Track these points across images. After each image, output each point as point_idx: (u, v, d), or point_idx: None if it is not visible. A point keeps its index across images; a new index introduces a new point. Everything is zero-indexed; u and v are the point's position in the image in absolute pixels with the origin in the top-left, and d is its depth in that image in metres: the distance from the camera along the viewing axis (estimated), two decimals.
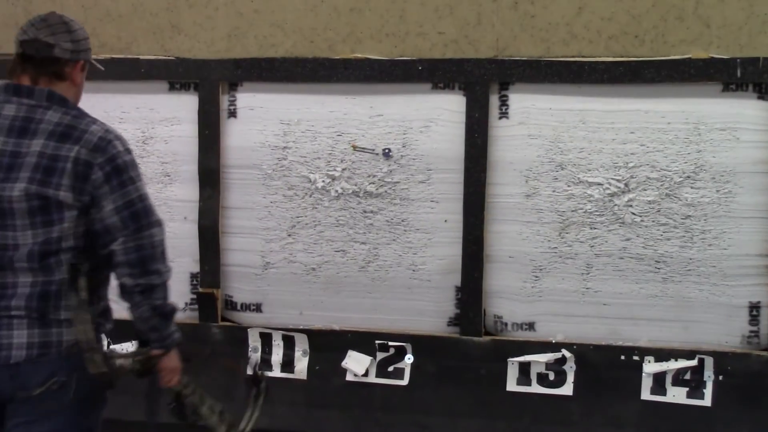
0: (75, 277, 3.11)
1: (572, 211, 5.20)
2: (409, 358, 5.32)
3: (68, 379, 3.12)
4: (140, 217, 3.11)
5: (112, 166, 3.09)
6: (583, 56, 5.06)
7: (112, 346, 4.60)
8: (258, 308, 5.55)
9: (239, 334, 5.43)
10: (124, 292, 3.23)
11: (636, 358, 5.11)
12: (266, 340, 5.45)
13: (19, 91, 3.14)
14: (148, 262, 3.14)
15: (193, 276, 5.65)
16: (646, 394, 5.09)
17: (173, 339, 3.29)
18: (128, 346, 5.55)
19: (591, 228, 5.19)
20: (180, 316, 5.30)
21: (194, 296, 5.63)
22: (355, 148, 5.27)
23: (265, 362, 5.39)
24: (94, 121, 3.21)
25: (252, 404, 3.81)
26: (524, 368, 5.22)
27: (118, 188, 3.09)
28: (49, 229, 3.09)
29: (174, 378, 3.37)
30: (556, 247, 5.25)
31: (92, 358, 3.10)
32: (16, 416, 3.14)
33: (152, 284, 3.17)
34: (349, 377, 5.34)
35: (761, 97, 4.93)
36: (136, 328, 3.33)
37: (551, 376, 5.20)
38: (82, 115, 3.21)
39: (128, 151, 3.19)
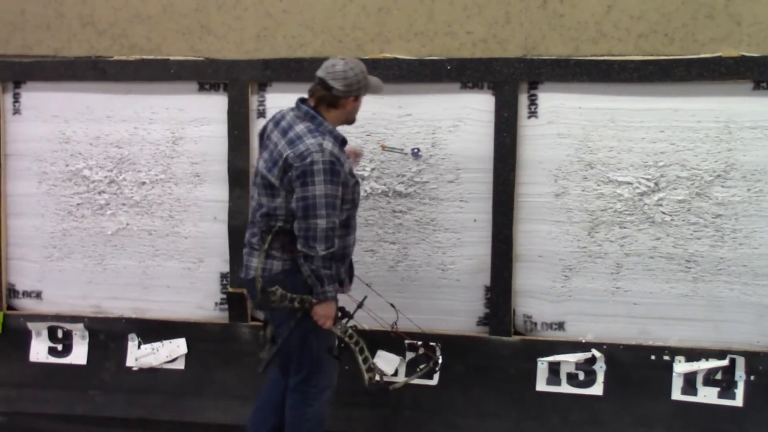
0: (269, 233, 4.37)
1: (602, 210, 5.20)
2: (438, 358, 5.23)
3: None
4: (308, 209, 4.14)
5: (302, 170, 4.12)
6: (612, 55, 5.05)
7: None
8: None
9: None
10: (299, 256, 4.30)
11: (666, 357, 5.11)
12: None
13: (299, 106, 4.35)
14: (309, 240, 4.20)
15: (223, 276, 5.68)
16: (676, 394, 5.09)
17: (325, 295, 4.27)
18: (158, 345, 5.58)
19: (621, 227, 5.18)
20: (210, 315, 5.61)
21: (224, 296, 5.66)
22: (384, 147, 5.27)
23: None
24: (318, 136, 4.21)
25: (415, 373, 4.80)
26: (554, 368, 5.22)
27: (301, 186, 4.14)
28: (272, 200, 4.32)
29: (326, 322, 4.34)
30: (585, 247, 5.24)
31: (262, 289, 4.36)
32: (272, 320, 4.59)
33: (311, 255, 4.20)
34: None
35: None
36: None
37: (581, 376, 5.20)
38: (316, 131, 4.24)
39: (321, 162, 4.14)
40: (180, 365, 5.70)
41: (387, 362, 5.38)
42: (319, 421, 4.60)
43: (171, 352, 5.69)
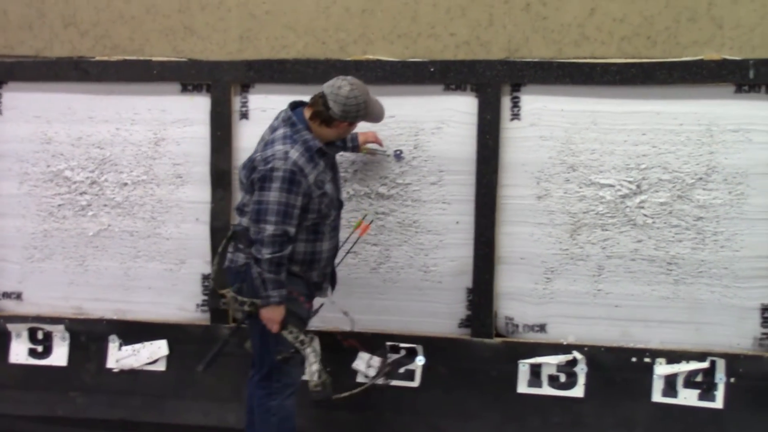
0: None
1: (584, 212, 5.20)
2: (420, 360, 5.32)
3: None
4: (260, 213, 4.23)
5: (262, 174, 4.23)
6: (595, 57, 5.05)
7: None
8: None
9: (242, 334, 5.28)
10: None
11: (647, 360, 5.11)
12: None
13: (287, 110, 4.46)
14: (257, 243, 4.27)
15: (204, 277, 5.66)
16: (657, 396, 5.09)
17: (268, 299, 4.32)
18: (139, 347, 5.55)
19: (603, 230, 5.18)
20: (191, 317, 5.59)
21: (206, 297, 5.65)
22: (366, 150, 5.22)
23: None
24: (288, 144, 4.30)
25: (369, 381, 4.77)
26: (535, 370, 5.22)
27: (258, 189, 4.24)
28: (244, 197, 4.48)
29: (272, 326, 4.37)
30: (567, 249, 5.24)
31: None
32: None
33: (257, 258, 4.28)
34: (359, 378, 5.34)
35: None
36: None
37: (562, 378, 5.20)
38: (290, 138, 4.33)
39: (282, 169, 4.23)
40: (161, 367, 5.67)
41: (365, 363, 5.37)
42: (286, 416, 4.64)
43: (152, 353, 5.67)
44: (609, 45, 5.06)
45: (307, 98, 4.50)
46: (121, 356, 5.70)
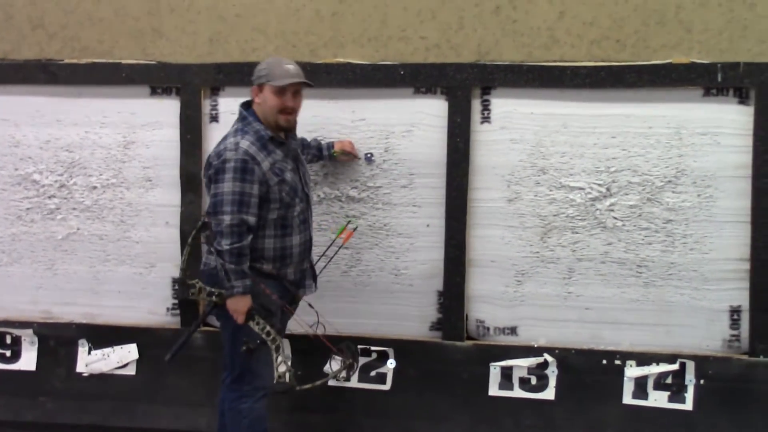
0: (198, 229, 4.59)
1: (554, 215, 5.20)
2: (391, 363, 5.32)
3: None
4: (217, 205, 4.27)
5: (216, 168, 4.29)
6: (564, 61, 5.07)
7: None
8: None
9: (214, 337, 5.29)
10: None
11: (618, 362, 5.13)
12: None
13: (240, 108, 4.58)
14: (217, 235, 4.30)
15: (174, 281, 5.63)
16: (627, 398, 5.11)
17: (232, 290, 4.32)
18: (109, 351, 5.51)
19: (573, 232, 5.20)
20: (162, 321, 5.56)
21: (176, 301, 5.62)
22: (336, 153, 5.21)
23: None
24: (239, 135, 4.38)
25: (331, 374, 4.69)
26: (506, 373, 5.23)
27: (214, 183, 4.30)
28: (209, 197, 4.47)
29: (238, 317, 4.38)
30: (538, 252, 5.25)
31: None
32: (217, 318, 4.70)
33: (217, 249, 4.30)
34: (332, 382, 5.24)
35: (742, 102, 4.96)
36: None
37: (533, 381, 5.21)
38: (241, 131, 4.40)
39: (233, 160, 4.28)
40: (131, 371, 5.64)
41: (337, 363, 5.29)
42: (257, 418, 4.63)
43: (122, 357, 5.64)
44: (579, 48, 5.07)
45: None
46: (90, 360, 5.66)
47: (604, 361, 5.14)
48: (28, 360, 5.74)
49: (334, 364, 5.30)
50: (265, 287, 4.43)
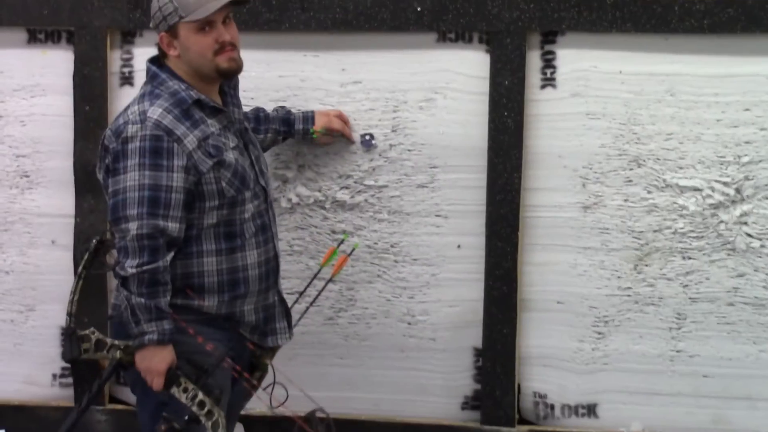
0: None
1: (655, 231, 4.17)
2: None
3: None
4: (117, 208, 3.49)
5: (114, 153, 3.49)
6: None
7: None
8: None
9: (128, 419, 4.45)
10: None
11: None
12: None
13: (149, 64, 3.79)
14: (120, 254, 3.52)
15: (62, 332, 4.62)
16: None
17: (142, 338, 3.44)
18: None
19: (683, 257, 4.15)
20: (45, 394, 4.69)
21: (67, 365, 4.61)
22: (317, 133, 4.14)
23: None
24: (147, 101, 3.51)
25: None
26: None
27: (112, 177, 3.50)
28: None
29: (153, 381, 3.48)
30: (630, 288, 4.22)
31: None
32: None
33: (121, 276, 3.50)
34: None
35: None
36: None
37: None
38: (151, 94, 3.54)
39: (139, 137, 3.45)
40: None
41: None
42: None
43: None
44: None
45: None
46: None
47: None
48: None
49: None
50: (196, 332, 3.50)
